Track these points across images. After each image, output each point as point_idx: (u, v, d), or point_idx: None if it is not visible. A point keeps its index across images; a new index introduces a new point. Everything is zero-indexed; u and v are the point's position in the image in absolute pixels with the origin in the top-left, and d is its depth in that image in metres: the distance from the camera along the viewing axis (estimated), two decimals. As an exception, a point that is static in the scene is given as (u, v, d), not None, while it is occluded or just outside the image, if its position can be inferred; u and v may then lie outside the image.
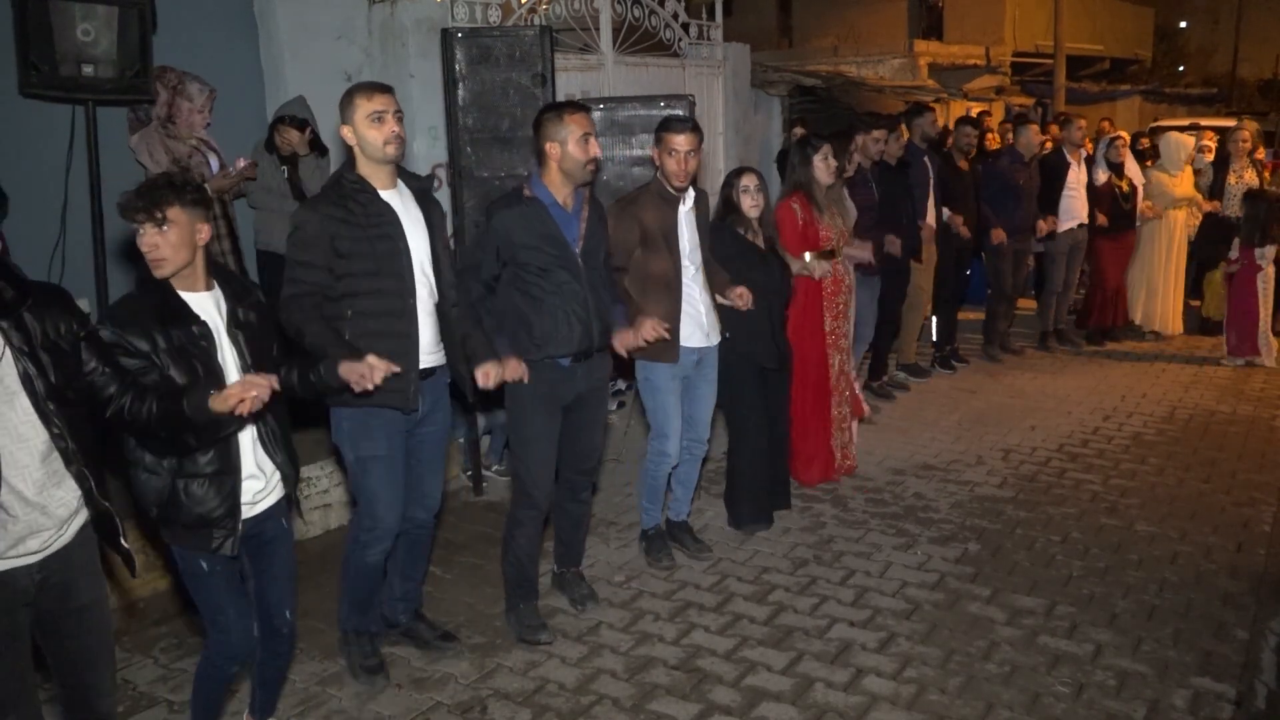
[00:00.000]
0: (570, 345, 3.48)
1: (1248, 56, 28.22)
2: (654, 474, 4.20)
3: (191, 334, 2.53)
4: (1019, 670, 3.40)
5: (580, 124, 3.41)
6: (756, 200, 4.36)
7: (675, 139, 3.86)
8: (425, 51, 5.56)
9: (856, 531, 4.56)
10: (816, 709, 3.20)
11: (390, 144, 3.09)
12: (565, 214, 3.48)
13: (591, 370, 3.61)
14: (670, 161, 3.88)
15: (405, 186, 3.26)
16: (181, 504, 2.56)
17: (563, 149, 3.40)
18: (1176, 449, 5.65)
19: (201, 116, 4.86)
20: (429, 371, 3.27)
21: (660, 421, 4.11)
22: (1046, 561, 4.23)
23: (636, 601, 3.93)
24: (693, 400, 4.19)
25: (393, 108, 3.12)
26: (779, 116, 8.92)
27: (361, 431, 3.20)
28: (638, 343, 3.61)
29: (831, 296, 4.99)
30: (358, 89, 3.15)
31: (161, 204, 2.47)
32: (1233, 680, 3.34)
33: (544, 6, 6.09)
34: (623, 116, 5.22)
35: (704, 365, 4.15)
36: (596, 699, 3.28)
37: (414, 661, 3.48)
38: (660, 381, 4.05)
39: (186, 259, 2.54)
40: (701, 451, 4.32)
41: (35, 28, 4.02)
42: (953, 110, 13.11)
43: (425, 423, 3.33)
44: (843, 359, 5.12)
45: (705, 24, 7.43)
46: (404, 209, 3.19)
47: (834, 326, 5.03)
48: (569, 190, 3.50)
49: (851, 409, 5.26)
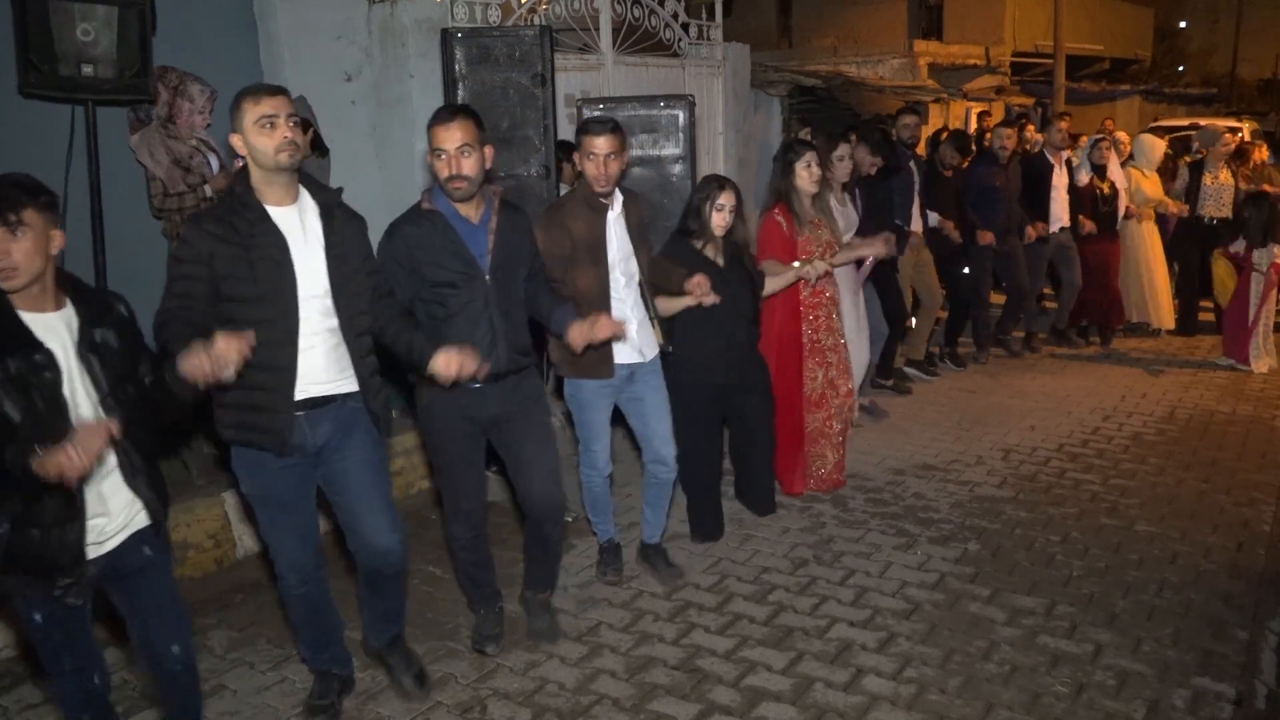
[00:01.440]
0: None
1: (1248, 56, 28.25)
2: (587, 486, 4.05)
3: (33, 363, 2.28)
4: (1019, 670, 3.40)
5: (441, 137, 3.11)
6: (728, 220, 4.17)
7: (593, 141, 3.60)
8: (425, 51, 5.57)
9: (856, 531, 4.56)
10: (816, 709, 3.20)
11: (283, 151, 2.76)
12: (470, 226, 3.22)
13: (510, 390, 3.34)
14: (589, 166, 3.62)
15: (310, 199, 2.93)
16: (19, 553, 2.35)
17: (431, 161, 3.16)
18: (1176, 449, 5.65)
19: (202, 117, 4.85)
20: (324, 400, 2.92)
21: (585, 437, 3.93)
22: (1046, 561, 4.23)
23: (636, 601, 3.93)
24: (642, 417, 3.96)
25: (285, 111, 2.78)
26: (779, 116, 8.93)
27: (247, 467, 2.93)
28: (593, 338, 3.35)
29: (810, 308, 4.81)
30: (245, 93, 2.81)
31: (15, 206, 2.26)
32: (1233, 680, 3.34)
33: (544, 6, 6.09)
34: (622, 117, 5.20)
35: (639, 381, 3.89)
36: (596, 699, 3.28)
37: (414, 661, 3.48)
38: (586, 397, 3.85)
39: (39, 269, 2.31)
40: (667, 474, 4.04)
41: (35, 28, 4.01)
42: (952, 110, 13.13)
43: (335, 456, 2.99)
44: (831, 372, 4.90)
45: (705, 24, 7.43)
46: (300, 226, 2.86)
47: (815, 339, 4.84)
48: (474, 201, 3.23)
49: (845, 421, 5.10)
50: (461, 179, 3.12)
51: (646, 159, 5.30)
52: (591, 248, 3.67)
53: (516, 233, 3.33)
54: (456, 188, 3.14)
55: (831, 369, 4.91)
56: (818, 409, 4.92)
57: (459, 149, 3.10)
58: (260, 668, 3.51)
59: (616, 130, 3.64)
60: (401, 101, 5.71)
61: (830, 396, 4.93)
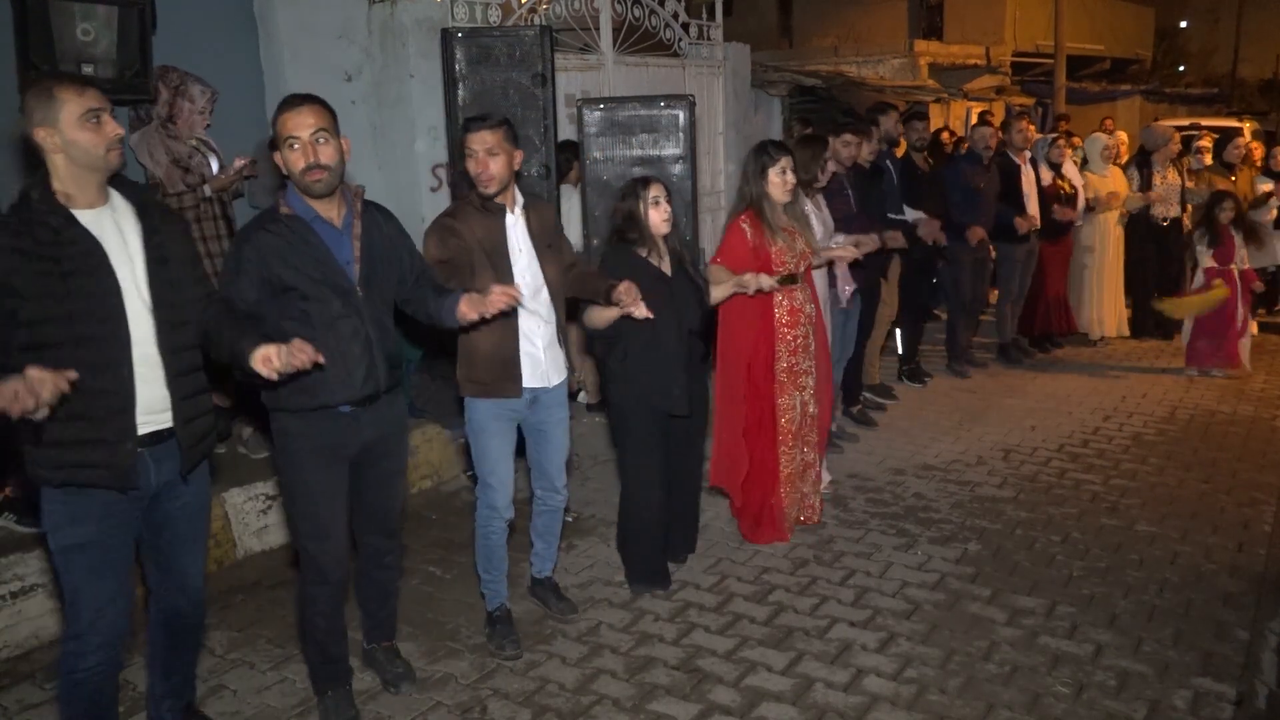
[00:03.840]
0: (350, 390, 2.90)
1: (1248, 56, 28.23)
2: (482, 531, 3.54)
3: None
4: (1019, 670, 3.40)
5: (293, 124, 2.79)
6: (668, 213, 3.77)
7: (470, 139, 3.28)
8: (425, 51, 5.57)
9: (856, 531, 4.56)
10: (816, 709, 3.19)
11: (114, 150, 2.52)
12: (333, 231, 2.88)
13: (380, 416, 3.01)
14: (470, 164, 3.30)
15: (122, 200, 2.62)
16: None
17: (283, 155, 2.83)
18: (1177, 449, 5.65)
19: (203, 118, 4.85)
20: (164, 434, 2.62)
21: (483, 469, 3.49)
22: (1047, 561, 4.23)
23: (636, 601, 3.92)
24: (541, 448, 3.61)
25: (109, 107, 2.53)
26: (779, 116, 8.94)
27: (65, 514, 2.54)
28: (486, 310, 3.01)
29: (788, 329, 4.28)
30: (58, 82, 2.51)
31: None
32: (1233, 680, 3.33)
33: (544, 6, 6.09)
34: (623, 116, 5.22)
35: (544, 409, 3.52)
36: (596, 699, 3.28)
37: (414, 661, 3.47)
38: (483, 421, 3.45)
39: None
40: (558, 502, 3.71)
41: (35, 28, 4.02)
42: (953, 110, 13.14)
43: (173, 496, 2.70)
44: (807, 400, 4.41)
45: (705, 24, 7.44)
46: (116, 231, 2.55)
47: (791, 364, 4.31)
48: (335, 201, 2.90)
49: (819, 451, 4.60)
50: (320, 168, 2.79)
51: (647, 159, 5.29)
52: (492, 254, 3.34)
53: (385, 235, 3.02)
54: (316, 179, 2.79)
55: (807, 393, 4.41)
56: (795, 445, 4.38)
57: (314, 135, 2.78)
58: (260, 668, 3.51)
59: (500, 126, 3.30)
60: (402, 101, 5.72)
61: (809, 429, 4.46)
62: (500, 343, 3.37)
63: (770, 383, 4.29)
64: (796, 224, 4.34)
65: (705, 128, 7.14)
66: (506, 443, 3.50)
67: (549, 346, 3.48)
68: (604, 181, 5.16)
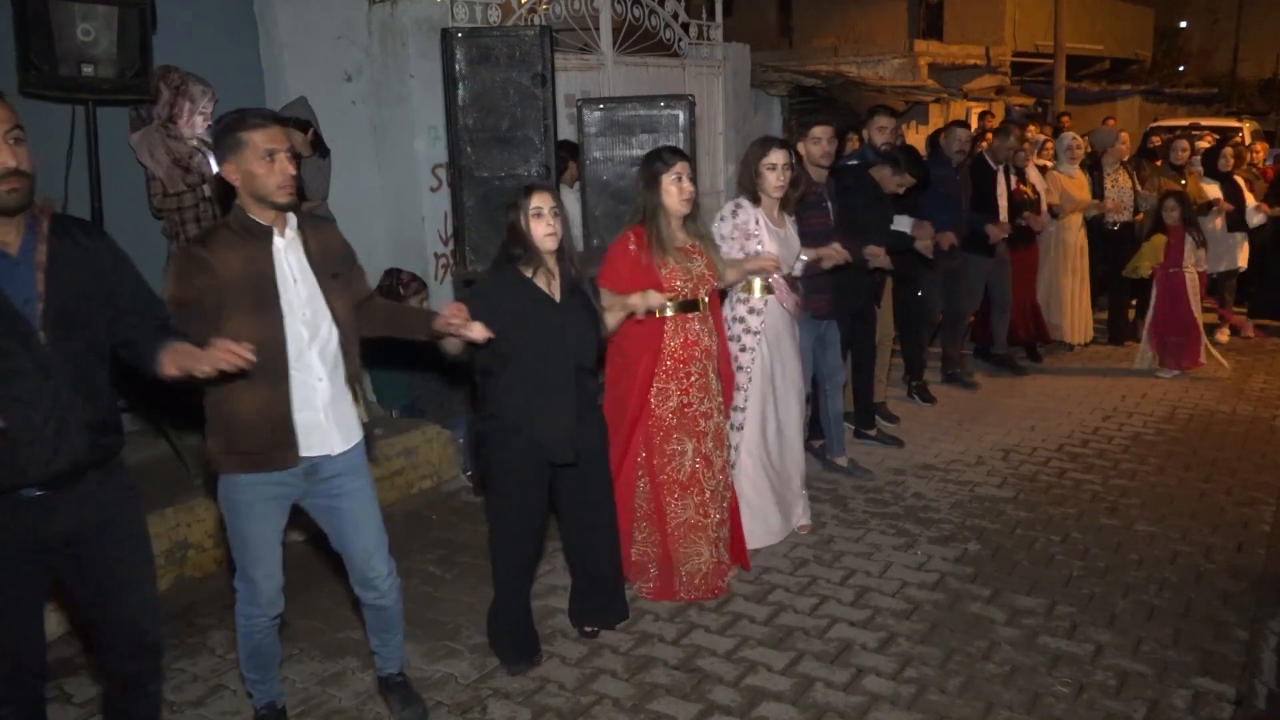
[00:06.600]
0: (36, 468, 2.25)
1: (1248, 56, 28.26)
2: (244, 630, 2.89)
3: None
4: (1019, 670, 3.40)
5: None
6: (553, 228, 3.21)
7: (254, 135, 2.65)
8: (425, 51, 5.57)
9: (856, 531, 4.56)
10: (816, 709, 3.20)
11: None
12: (7, 261, 2.24)
13: (92, 492, 2.36)
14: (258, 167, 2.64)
15: None
16: None
17: None
18: (1176, 449, 5.65)
19: (203, 118, 4.86)
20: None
21: (244, 558, 2.80)
22: (1046, 561, 4.23)
23: (636, 601, 3.92)
24: (339, 531, 2.92)
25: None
26: (779, 117, 8.93)
27: None
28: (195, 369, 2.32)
29: (681, 364, 3.77)
30: None
31: None
32: (1233, 680, 3.34)
33: (544, 6, 6.10)
34: (622, 117, 5.21)
35: (331, 481, 2.83)
36: (596, 699, 3.28)
37: (414, 661, 3.48)
38: (245, 499, 2.74)
39: None
40: (382, 600, 3.00)
41: (35, 28, 4.02)
42: (953, 111, 13.14)
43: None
44: (708, 450, 3.85)
45: (705, 24, 7.44)
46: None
47: (684, 403, 3.78)
48: (15, 224, 2.26)
49: (730, 505, 4.04)
50: (17, 175, 2.21)
51: (646, 159, 5.29)
52: (254, 288, 2.64)
53: (83, 263, 2.34)
54: (12, 189, 2.21)
55: (706, 440, 3.85)
56: (687, 494, 3.83)
57: (6, 132, 2.21)
58: (260, 668, 3.50)
59: (284, 124, 2.77)
60: (402, 101, 5.72)
61: (705, 477, 3.86)
62: (268, 401, 2.67)
63: (659, 427, 3.78)
64: (699, 241, 3.83)
65: (705, 128, 7.14)
66: (274, 528, 2.81)
67: (333, 403, 2.78)
68: (604, 182, 5.15)
